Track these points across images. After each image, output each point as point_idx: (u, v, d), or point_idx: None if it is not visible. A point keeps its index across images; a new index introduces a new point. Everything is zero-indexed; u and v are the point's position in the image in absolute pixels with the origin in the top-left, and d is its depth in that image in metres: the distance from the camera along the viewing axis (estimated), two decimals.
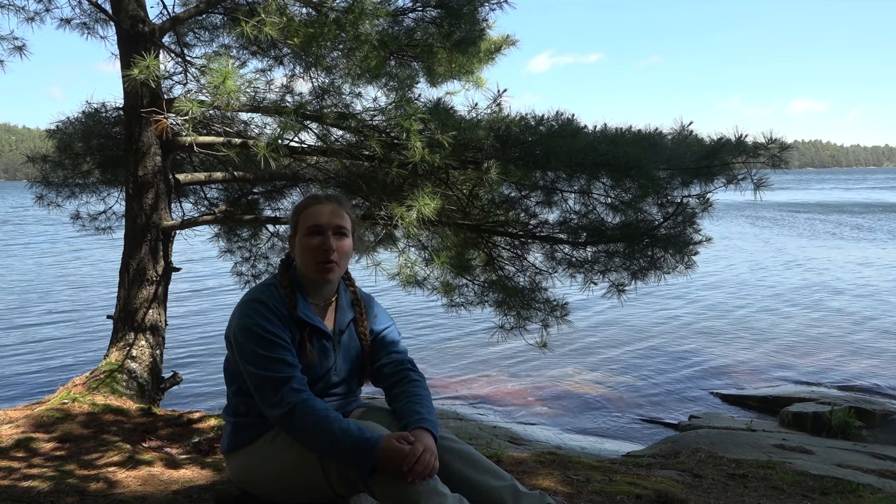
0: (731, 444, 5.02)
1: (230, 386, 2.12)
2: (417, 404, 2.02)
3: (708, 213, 4.29)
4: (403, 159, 3.99)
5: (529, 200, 4.57)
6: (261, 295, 2.02)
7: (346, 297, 2.20)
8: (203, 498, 2.63)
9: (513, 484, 1.92)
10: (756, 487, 3.54)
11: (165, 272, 4.73)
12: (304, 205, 2.14)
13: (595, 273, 4.50)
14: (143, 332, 4.59)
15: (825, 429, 6.69)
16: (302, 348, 2.02)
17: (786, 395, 8.05)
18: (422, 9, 4.57)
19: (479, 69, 5.32)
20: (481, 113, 4.25)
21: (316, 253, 2.05)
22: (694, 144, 4.20)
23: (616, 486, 3.19)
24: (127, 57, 4.37)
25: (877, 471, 4.36)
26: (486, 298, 4.81)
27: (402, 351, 2.23)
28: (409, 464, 1.75)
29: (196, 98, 4.44)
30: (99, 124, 5.55)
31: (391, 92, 4.66)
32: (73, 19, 5.43)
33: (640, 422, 7.73)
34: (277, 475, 2.01)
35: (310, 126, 4.73)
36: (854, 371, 9.43)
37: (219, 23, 5.42)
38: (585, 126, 4.20)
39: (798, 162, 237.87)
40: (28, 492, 2.65)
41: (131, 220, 4.62)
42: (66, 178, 5.72)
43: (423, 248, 4.92)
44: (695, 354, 10.29)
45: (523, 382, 9.02)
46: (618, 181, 4.17)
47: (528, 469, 3.43)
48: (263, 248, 6.14)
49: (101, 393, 4.19)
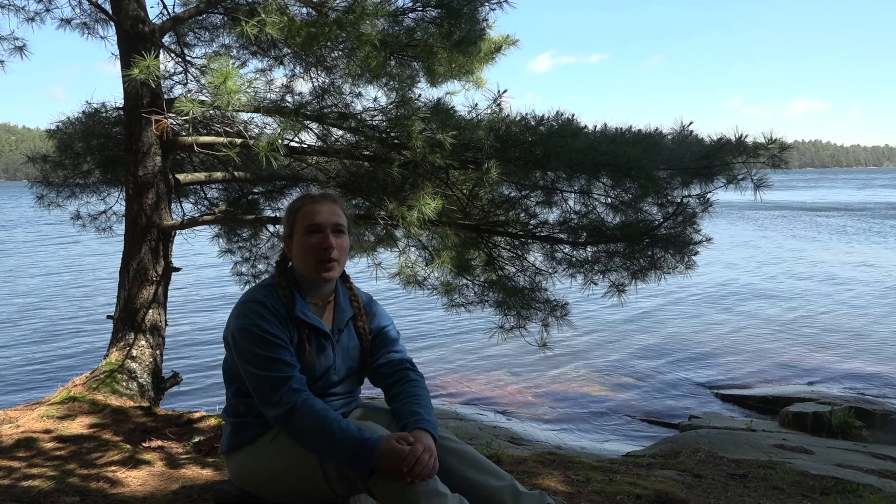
0: (731, 444, 5.01)
1: (229, 387, 2.12)
2: (416, 405, 2.02)
3: (708, 213, 4.29)
4: (404, 159, 4.00)
5: (529, 200, 4.58)
6: (258, 295, 2.01)
7: (344, 296, 2.19)
8: (203, 498, 2.63)
9: (512, 484, 1.92)
10: (756, 487, 3.54)
11: (165, 272, 4.73)
12: (300, 204, 2.11)
13: (595, 273, 4.51)
14: (143, 333, 4.60)
15: (825, 429, 6.69)
16: (301, 348, 2.02)
17: (786, 395, 8.05)
18: (422, 9, 4.56)
19: (480, 69, 5.31)
20: (481, 113, 4.26)
21: (315, 252, 2.04)
22: (694, 144, 4.20)
23: (616, 486, 3.20)
24: (127, 57, 4.37)
25: (877, 471, 4.36)
26: (487, 298, 4.81)
27: (400, 350, 2.22)
28: (408, 464, 1.75)
29: (196, 98, 4.44)
30: (99, 124, 5.55)
31: (391, 92, 4.66)
32: (73, 19, 5.44)
33: (640, 422, 7.73)
34: (277, 475, 2.01)
35: (310, 126, 4.73)
36: (854, 371, 9.43)
37: (219, 23, 5.42)
38: (585, 126, 4.21)
39: (798, 162, 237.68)
40: (28, 491, 2.65)
41: (131, 220, 4.63)
42: (66, 178, 5.72)
43: (423, 248, 4.92)
44: (695, 354, 10.28)
45: (523, 382, 9.02)
46: (618, 181, 4.18)
47: (528, 469, 3.43)
48: (263, 248, 6.14)
49: (102, 393, 4.19)
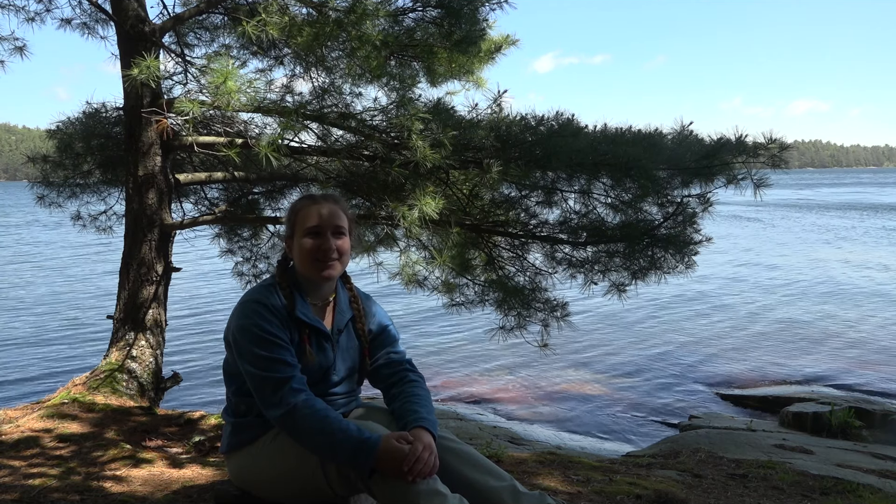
0: (731, 444, 5.01)
1: (229, 386, 2.12)
2: (416, 404, 2.02)
3: (708, 213, 4.29)
4: (404, 159, 4.00)
5: (529, 200, 4.58)
6: (259, 296, 2.01)
7: (344, 297, 2.19)
8: (203, 498, 2.63)
9: (512, 484, 1.92)
10: (756, 487, 3.54)
11: (166, 272, 4.73)
12: (301, 205, 2.11)
13: (595, 273, 4.51)
14: (144, 332, 4.60)
15: (825, 429, 6.69)
16: (301, 348, 2.02)
17: (786, 395, 8.05)
18: (422, 9, 4.56)
19: (480, 69, 5.32)
20: (481, 113, 4.26)
21: (316, 253, 2.04)
22: (694, 144, 4.20)
23: (616, 486, 3.20)
24: (127, 57, 4.37)
25: (877, 471, 4.36)
26: (487, 298, 4.81)
27: (400, 351, 2.23)
28: (408, 463, 1.75)
29: (196, 98, 4.44)
30: (99, 124, 5.55)
31: (392, 92, 4.66)
32: (73, 19, 5.44)
33: (640, 422, 7.73)
34: (277, 475, 2.01)
35: (310, 126, 4.73)
36: (854, 371, 9.43)
37: (219, 23, 5.42)
38: (585, 126, 4.21)
39: (798, 162, 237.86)
40: (29, 490, 2.66)
41: (132, 220, 4.63)
42: (66, 178, 5.72)
43: (423, 248, 4.92)
44: (695, 354, 10.28)
45: (523, 382, 9.02)
46: (618, 181, 4.17)
47: (528, 469, 3.43)
48: (264, 247, 6.14)
49: (102, 393, 4.19)
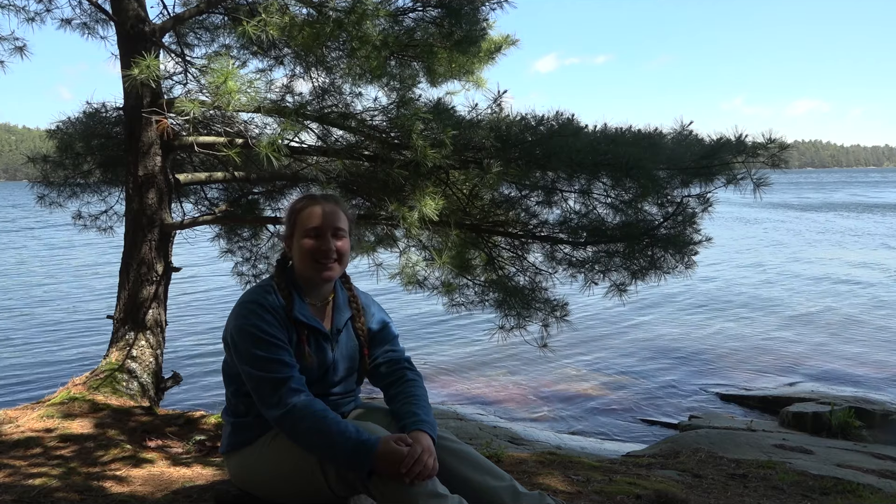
0: (731, 444, 5.01)
1: (229, 387, 2.12)
2: (415, 405, 2.02)
3: (708, 213, 4.30)
4: (404, 159, 4.00)
5: (529, 200, 4.58)
6: (257, 296, 2.01)
7: (343, 297, 2.19)
8: (203, 498, 2.63)
9: (512, 484, 1.92)
10: (756, 487, 3.54)
11: (166, 272, 4.73)
12: (301, 206, 2.11)
13: (595, 273, 4.51)
14: (144, 332, 4.60)
15: (825, 429, 6.69)
16: (300, 349, 2.02)
17: (786, 395, 8.04)
18: (422, 9, 4.57)
19: (480, 69, 5.32)
20: (482, 113, 4.26)
21: (315, 254, 2.04)
22: (694, 144, 4.20)
23: (616, 486, 3.19)
24: (127, 57, 4.37)
25: (877, 471, 4.36)
26: (487, 298, 4.81)
27: (399, 349, 2.23)
28: (406, 466, 1.75)
29: (196, 98, 4.44)
30: (99, 124, 5.55)
31: (392, 92, 4.66)
32: (73, 19, 5.44)
33: (640, 422, 7.72)
34: (277, 475, 2.01)
35: (310, 126, 4.73)
36: (854, 371, 9.43)
37: (219, 23, 5.42)
38: (586, 126, 4.21)
39: (798, 162, 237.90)
40: (29, 490, 2.65)
41: (132, 220, 4.63)
42: (66, 178, 5.73)
43: (423, 248, 4.92)
44: (695, 354, 10.28)
45: (523, 382, 9.02)
46: (618, 181, 4.17)
47: (528, 469, 3.43)
48: (264, 247, 6.14)
49: (102, 393, 4.19)
